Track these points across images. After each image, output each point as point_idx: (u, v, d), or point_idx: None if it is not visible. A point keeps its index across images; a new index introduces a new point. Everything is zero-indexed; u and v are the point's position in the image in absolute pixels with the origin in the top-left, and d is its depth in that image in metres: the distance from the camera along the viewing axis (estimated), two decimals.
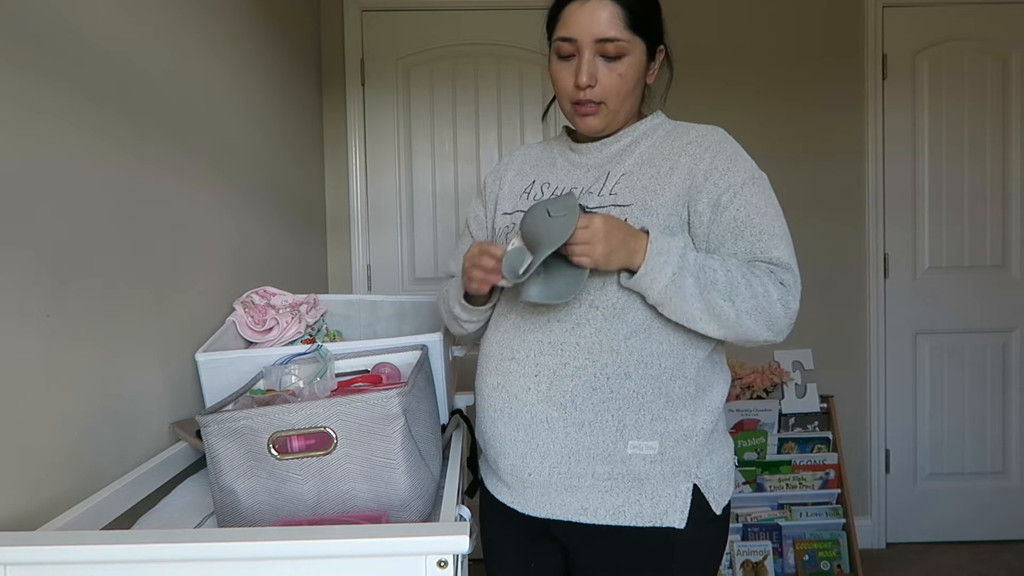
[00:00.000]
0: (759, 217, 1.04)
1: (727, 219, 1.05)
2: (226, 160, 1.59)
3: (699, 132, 1.12)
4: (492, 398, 1.10)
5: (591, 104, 1.09)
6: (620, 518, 1.03)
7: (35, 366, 0.90)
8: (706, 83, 2.71)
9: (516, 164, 1.26)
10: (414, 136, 2.75)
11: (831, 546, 2.48)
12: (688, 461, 1.04)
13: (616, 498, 1.03)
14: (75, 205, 0.99)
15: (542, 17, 1.16)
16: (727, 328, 1.01)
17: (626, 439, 1.02)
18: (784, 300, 1.02)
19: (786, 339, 2.72)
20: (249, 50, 1.78)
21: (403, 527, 0.77)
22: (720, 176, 1.06)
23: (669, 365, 1.04)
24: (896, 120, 2.76)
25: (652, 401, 1.03)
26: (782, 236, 1.06)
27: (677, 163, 1.08)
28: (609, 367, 1.02)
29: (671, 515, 1.03)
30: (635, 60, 1.08)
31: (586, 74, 1.06)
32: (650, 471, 1.03)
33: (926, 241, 2.79)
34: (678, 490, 1.04)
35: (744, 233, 1.04)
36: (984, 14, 2.72)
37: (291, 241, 2.14)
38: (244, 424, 0.88)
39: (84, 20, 1.03)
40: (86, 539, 0.75)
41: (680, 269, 0.98)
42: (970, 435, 2.82)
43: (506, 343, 1.10)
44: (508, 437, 1.07)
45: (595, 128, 1.12)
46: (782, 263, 1.04)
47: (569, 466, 1.03)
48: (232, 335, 1.42)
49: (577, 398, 1.03)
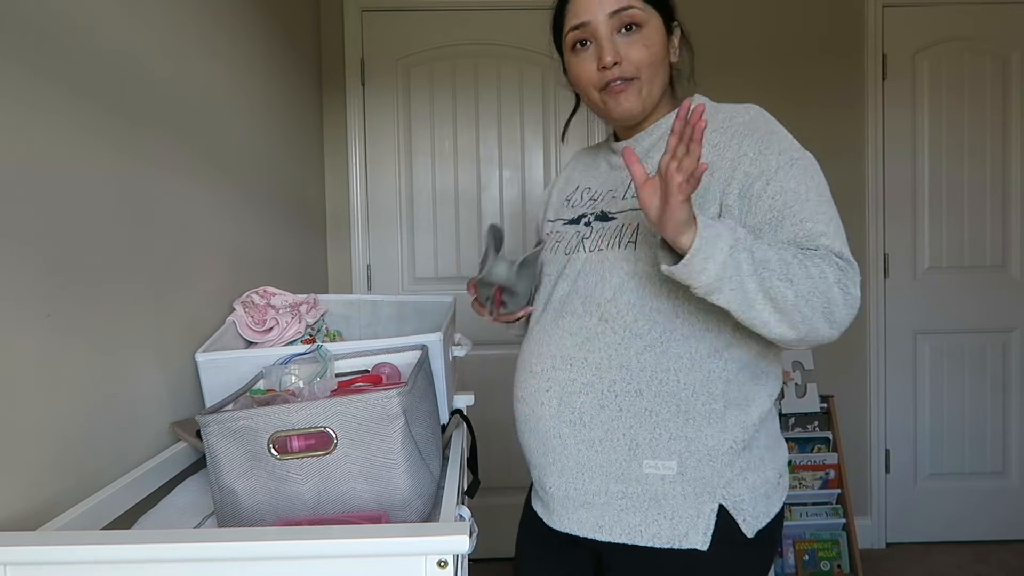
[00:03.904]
0: (799, 204, 0.93)
1: (763, 209, 0.94)
2: (226, 160, 1.59)
3: (727, 115, 1.02)
4: (518, 410, 1.11)
5: (621, 81, 1.02)
6: (637, 537, 0.98)
7: (35, 366, 0.90)
8: (706, 83, 2.70)
9: (567, 171, 1.27)
10: (414, 136, 2.75)
11: (831, 546, 2.48)
12: (713, 481, 0.97)
13: (633, 517, 0.98)
14: (75, 205, 0.99)
15: (542, 17, 1.14)
16: (785, 317, 0.87)
17: (640, 458, 0.98)
18: (842, 283, 0.88)
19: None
20: (249, 50, 1.78)
21: (403, 527, 0.77)
22: (750, 163, 0.96)
23: (690, 381, 0.97)
24: (896, 120, 2.76)
25: (669, 420, 0.97)
26: (829, 221, 0.93)
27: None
28: (618, 384, 0.99)
29: (692, 537, 0.96)
30: (655, 30, 1.02)
31: (610, 52, 1.00)
32: (669, 491, 0.97)
33: (926, 241, 2.79)
34: (701, 511, 0.97)
35: (784, 223, 0.93)
36: (984, 14, 2.72)
37: (291, 241, 2.14)
38: (244, 424, 0.88)
39: (84, 20, 1.03)
40: (86, 539, 0.74)
41: (735, 243, 0.85)
42: (970, 435, 2.82)
43: (528, 355, 1.10)
44: (532, 449, 1.08)
45: (632, 109, 1.04)
46: (833, 249, 0.91)
47: (583, 483, 1.01)
48: (232, 335, 1.42)
49: (585, 415, 1.00)
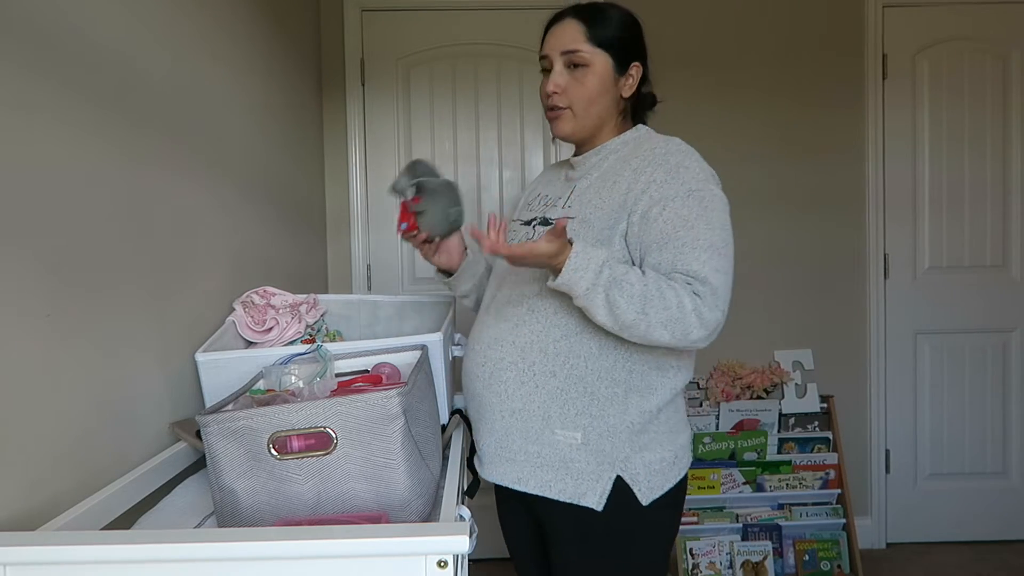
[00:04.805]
0: (684, 230, 1.09)
1: (655, 231, 1.11)
2: (226, 160, 1.59)
3: (652, 145, 1.20)
4: (463, 382, 1.30)
5: (558, 109, 1.23)
6: (547, 491, 1.16)
7: (35, 366, 0.90)
8: (706, 83, 2.71)
9: (534, 183, 1.46)
10: (414, 136, 2.74)
11: (831, 546, 2.48)
12: (612, 454, 1.15)
13: (546, 474, 1.17)
14: (75, 205, 0.99)
15: (542, 17, 1.28)
16: (637, 336, 1.07)
17: (552, 427, 1.16)
18: (698, 311, 1.06)
19: (786, 339, 2.74)
20: (249, 50, 1.78)
21: (403, 527, 0.77)
22: (656, 188, 1.13)
23: (597, 367, 1.15)
24: (896, 120, 2.76)
25: (577, 399, 1.15)
26: (706, 248, 1.09)
27: (620, 177, 1.18)
28: (537, 365, 1.16)
29: (589, 497, 1.14)
30: (597, 70, 1.21)
31: (552, 83, 1.22)
32: (575, 456, 1.15)
33: (926, 241, 2.79)
34: (600, 477, 1.15)
35: (667, 245, 1.10)
36: (984, 14, 2.72)
37: (291, 241, 2.14)
38: (244, 424, 0.88)
39: (85, 21, 1.03)
40: (86, 539, 0.75)
41: (593, 285, 1.05)
42: (970, 435, 2.82)
43: (473, 334, 1.29)
44: (472, 414, 1.28)
45: (564, 131, 1.25)
46: (699, 276, 1.07)
47: (508, 443, 1.20)
48: (232, 335, 1.42)
49: (509, 388, 1.18)
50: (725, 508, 2.49)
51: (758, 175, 2.73)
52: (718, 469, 2.44)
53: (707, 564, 2.45)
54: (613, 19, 1.22)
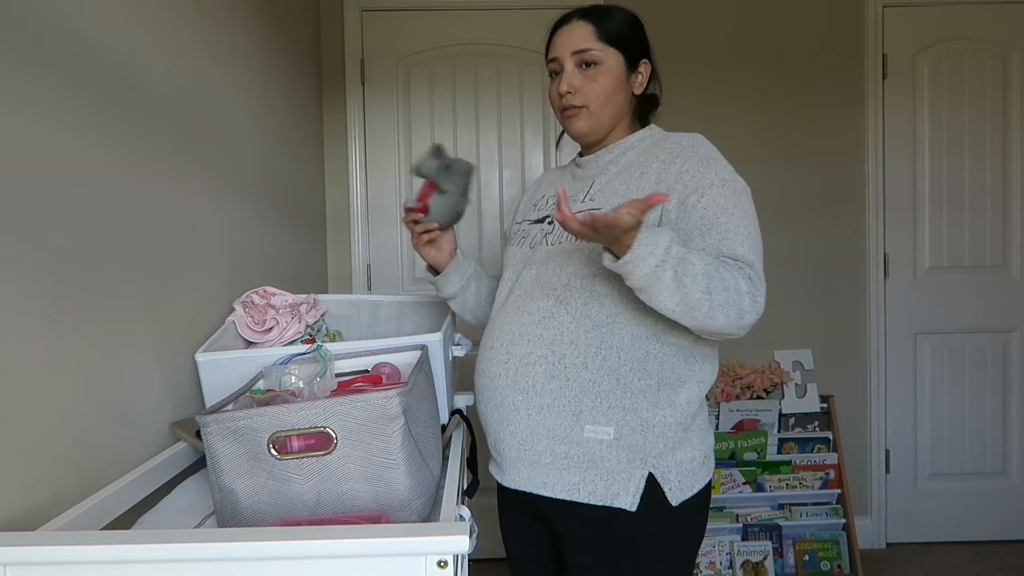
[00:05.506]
0: (725, 216, 1.09)
1: (695, 217, 1.11)
2: (226, 160, 1.59)
3: (676, 139, 1.20)
4: (478, 383, 1.25)
5: (573, 108, 1.22)
6: (575, 494, 1.12)
7: (35, 366, 0.90)
8: (706, 83, 2.71)
9: (535, 184, 1.45)
10: (414, 136, 2.75)
11: (831, 546, 2.48)
12: (645, 450, 1.11)
13: (573, 476, 1.13)
14: (75, 205, 0.99)
15: (542, 17, 1.29)
16: (698, 319, 1.03)
17: (583, 423, 1.12)
18: (752, 294, 1.05)
19: (786, 339, 2.74)
20: (249, 50, 1.78)
21: (403, 527, 0.77)
22: (691, 178, 1.13)
23: (629, 358, 1.12)
24: (896, 120, 2.76)
25: (609, 391, 1.12)
26: (747, 236, 1.09)
27: (648, 168, 1.17)
28: (567, 357, 1.13)
29: (622, 497, 1.10)
30: (610, 68, 1.21)
31: (566, 83, 1.21)
32: (606, 455, 1.11)
33: (926, 241, 2.79)
34: (632, 476, 1.11)
35: (711, 231, 1.09)
36: (984, 14, 2.72)
37: (291, 241, 2.14)
38: (244, 424, 0.88)
39: (85, 21, 1.03)
40: (86, 539, 0.74)
41: (663, 262, 1.00)
42: (970, 435, 2.82)
43: (490, 334, 1.24)
44: (488, 418, 1.22)
45: (581, 130, 1.24)
46: (747, 260, 1.07)
47: (532, 444, 1.15)
48: (232, 335, 1.42)
49: (537, 384, 1.14)
50: (725, 508, 2.49)
51: (758, 175, 2.72)
52: (718, 469, 2.44)
53: (707, 564, 2.45)
54: (619, 18, 1.23)
